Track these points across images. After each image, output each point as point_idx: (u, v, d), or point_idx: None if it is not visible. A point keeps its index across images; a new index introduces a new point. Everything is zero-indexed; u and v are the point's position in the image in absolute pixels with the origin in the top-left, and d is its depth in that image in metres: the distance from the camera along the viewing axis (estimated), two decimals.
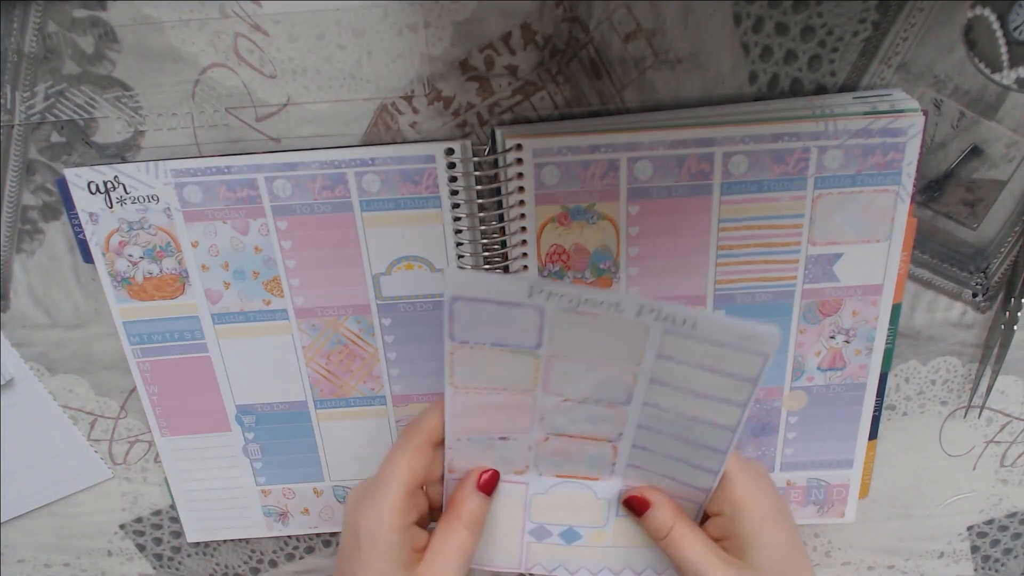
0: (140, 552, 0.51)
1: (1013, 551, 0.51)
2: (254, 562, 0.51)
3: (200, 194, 0.39)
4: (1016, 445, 0.47)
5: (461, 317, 0.34)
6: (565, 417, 0.38)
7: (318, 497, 0.47)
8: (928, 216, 0.41)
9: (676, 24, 0.36)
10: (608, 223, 0.39)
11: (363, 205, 0.39)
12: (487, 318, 0.34)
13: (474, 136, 0.39)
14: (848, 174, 0.38)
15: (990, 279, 0.42)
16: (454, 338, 0.34)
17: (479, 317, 0.34)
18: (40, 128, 0.39)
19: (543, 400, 0.37)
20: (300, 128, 0.39)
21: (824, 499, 0.46)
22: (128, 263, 0.41)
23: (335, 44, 0.37)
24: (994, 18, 0.36)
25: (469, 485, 0.38)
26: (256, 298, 0.42)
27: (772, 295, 0.41)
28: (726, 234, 0.39)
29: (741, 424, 0.36)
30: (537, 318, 0.34)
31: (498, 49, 0.37)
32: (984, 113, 0.38)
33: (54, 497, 0.49)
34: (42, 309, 0.43)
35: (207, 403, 0.44)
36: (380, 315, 0.42)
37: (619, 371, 0.36)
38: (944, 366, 0.45)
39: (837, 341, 0.42)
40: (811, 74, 0.38)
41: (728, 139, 0.37)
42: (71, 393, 0.46)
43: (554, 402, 0.37)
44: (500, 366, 0.36)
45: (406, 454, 0.36)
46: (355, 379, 0.44)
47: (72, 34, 0.37)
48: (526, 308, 0.34)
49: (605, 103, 0.38)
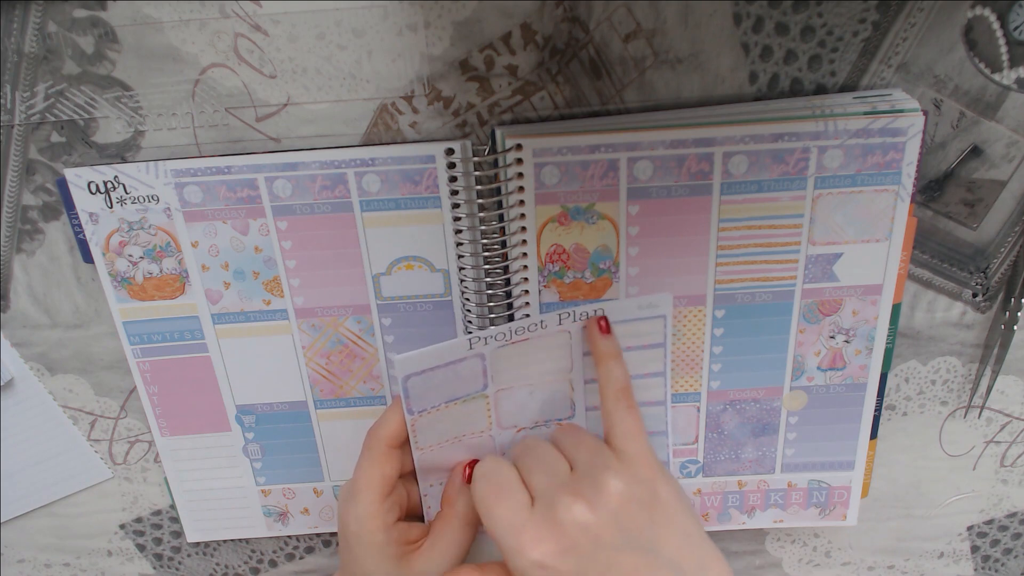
0: (140, 552, 0.51)
1: (1013, 551, 0.51)
2: (254, 562, 0.51)
3: (200, 194, 0.39)
4: (1016, 445, 0.47)
5: (415, 391, 0.37)
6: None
7: (318, 497, 0.47)
8: (928, 216, 0.41)
9: (676, 24, 0.36)
10: (608, 223, 0.39)
11: (363, 205, 0.39)
12: (438, 382, 0.37)
13: (474, 136, 0.39)
14: (848, 174, 0.38)
15: (990, 279, 0.42)
16: (412, 412, 0.38)
17: (430, 384, 0.37)
18: (40, 128, 0.39)
19: (500, 436, 0.41)
20: (300, 128, 0.39)
21: (826, 501, 0.46)
22: (128, 263, 0.41)
23: (335, 44, 0.37)
24: (994, 18, 0.36)
25: (457, 481, 0.40)
26: (256, 298, 0.42)
27: (772, 295, 0.41)
28: (726, 234, 0.39)
29: (668, 395, 0.41)
30: (480, 363, 0.38)
31: (498, 49, 0.37)
32: (984, 113, 0.38)
33: (54, 497, 0.49)
34: (42, 309, 0.43)
35: (207, 403, 0.44)
36: (380, 315, 0.42)
37: (558, 385, 0.40)
38: (944, 366, 0.45)
39: (837, 341, 0.42)
40: (811, 74, 0.38)
41: (728, 139, 0.37)
42: (71, 393, 0.46)
43: (510, 435, 0.41)
44: (456, 417, 0.39)
45: (373, 463, 0.38)
46: (355, 379, 0.44)
47: (72, 34, 0.37)
48: (470, 359, 0.38)
49: (605, 103, 0.38)
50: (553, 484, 0.34)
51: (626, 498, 0.33)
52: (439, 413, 0.38)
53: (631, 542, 0.33)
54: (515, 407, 0.40)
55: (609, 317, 0.39)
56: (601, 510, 0.33)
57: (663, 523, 0.34)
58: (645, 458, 0.35)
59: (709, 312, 0.41)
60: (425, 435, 0.39)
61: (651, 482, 0.35)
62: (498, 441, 0.41)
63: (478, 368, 0.38)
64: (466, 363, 0.38)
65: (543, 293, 0.41)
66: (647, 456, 0.35)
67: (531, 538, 0.32)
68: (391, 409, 0.38)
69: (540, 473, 0.35)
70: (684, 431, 0.44)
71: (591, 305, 0.38)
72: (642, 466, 0.35)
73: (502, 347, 0.38)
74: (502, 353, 0.38)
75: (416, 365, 0.36)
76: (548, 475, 0.35)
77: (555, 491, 0.34)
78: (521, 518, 0.33)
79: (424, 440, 0.39)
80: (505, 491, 0.34)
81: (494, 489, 0.35)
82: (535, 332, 0.38)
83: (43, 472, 0.48)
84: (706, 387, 0.43)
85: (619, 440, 0.35)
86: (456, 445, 0.40)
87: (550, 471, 0.35)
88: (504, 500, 0.34)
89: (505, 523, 0.33)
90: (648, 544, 0.33)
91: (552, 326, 0.38)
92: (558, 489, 0.34)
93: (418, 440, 0.39)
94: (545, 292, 0.41)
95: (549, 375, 0.40)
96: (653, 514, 0.34)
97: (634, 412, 0.36)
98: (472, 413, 0.39)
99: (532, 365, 0.39)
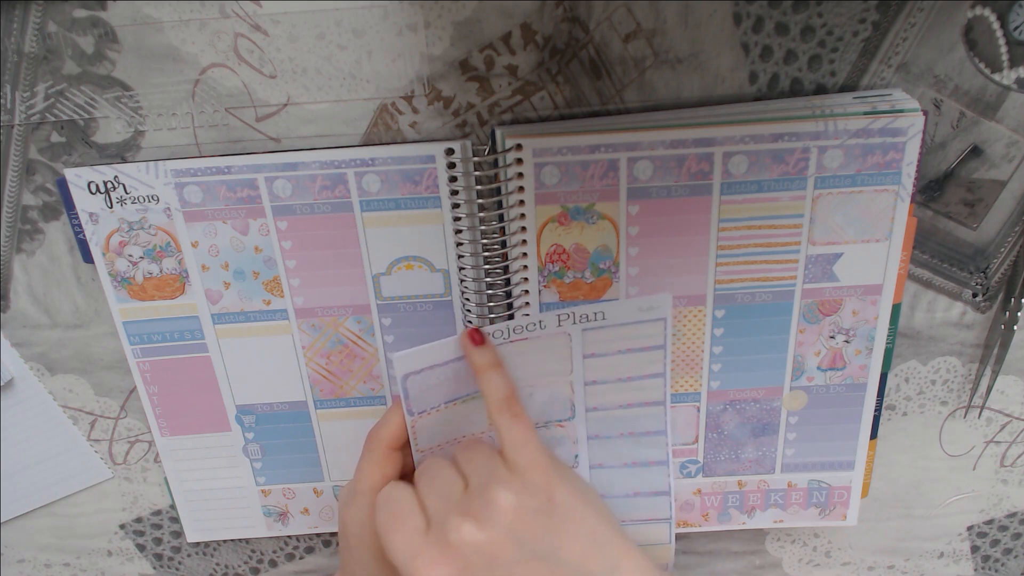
0: (140, 552, 0.51)
1: (1013, 551, 0.51)
2: (254, 562, 0.51)
3: (200, 194, 0.39)
4: (1016, 445, 0.47)
5: (415, 390, 0.37)
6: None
7: (318, 497, 0.47)
8: (928, 216, 0.41)
9: (676, 24, 0.36)
10: (608, 223, 0.39)
11: (363, 205, 0.39)
12: (437, 382, 0.37)
13: (474, 136, 0.39)
14: (848, 174, 0.38)
15: (990, 279, 0.42)
16: (412, 412, 0.37)
17: (430, 384, 0.37)
18: (40, 128, 0.39)
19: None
20: (300, 128, 0.39)
21: (826, 501, 0.46)
22: (128, 263, 0.41)
23: (335, 44, 0.37)
24: (994, 18, 0.36)
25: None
26: (256, 298, 0.42)
27: (772, 295, 0.41)
28: (726, 234, 0.39)
29: (668, 395, 0.41)
30: None
31: (498, 49, 0.37)
32: (984, 113, 0.38)
33: (54, 497, 0.49)
34: (42, 309, 0.43)
35: (207, 403, 0.44)
36: (380, 315, 0.42)
37: (558, 386, 0.40)
38: (944, 366, 0.45)
39: (837, 341, 0.42)
40: (811, 74, 0.38)
41: (728, 139, 0.37)
42: (71, 393, 0.46)
43: None
44: (456, 418, 0.39)
45: (374, 465, 0.38)
46: (355, 379, 0.44)
47: (72, 34, 0.37)
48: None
49: (605, 103, 0.38)
50: (445, 506, 0.34)
51: (519, 510, 0.33)
52: (439, 414, 0.38)
53: (530, 553, 0.32)
54: None
55: (609, 319, 0.39)
56: (493, 527, 0.32)
57: (563, 529, 0.33)
58: (537, 466, 0.34)
59: (709, 312, 0.41)
60: (425, 436, 0.39)
61: (545, 489, 0.34)
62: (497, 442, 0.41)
63: None
64: (465, 362, 0.38)
65: (543, 293, 0.41)
66: (538, 464, 0.35)
67: (425, 563, 0.32)
68: (391, 411, 0.38)
69: (433, 495, 0.34)
70: (684, 431, 0.44)
71: (591, 306, 0.38)
72: (534, 474, 0.34)
73: (501, 346, 0.38)
74: (501, 352, 0.38)
75: (415, 363, 0.36)
76: (441, 497, 0.34)
77: (446, 513, 0.33)
78: (416, 544, 0.33)
79: (424, 442, 0.39)
80: (400, 517, 0.34)
81: (391, 516, 0.34)
82: (534, 332, 0.38)
83: (43, 472, 0.48)
84: (706, 387, 0.43)
85: (509, 451, 0.35)
86: (456, 446, 0.40)
87: (443, 492, 0.34)
88: (400, 526, 0.33)
89: (401, 550, 0.33)
90: (548, 552, 0.33)
91: (551, 327, 0.38)
92: (449, 510, 0.33)
93: (418, 442, 0.39)
94: (545, 292, 0.41)
95: (548, 377, 0.40)
96: (551, 521, 0.33)
97: (520, 420, 0.35)
98: (471, 414, 0.39)
99: (531, 366, 0.39)
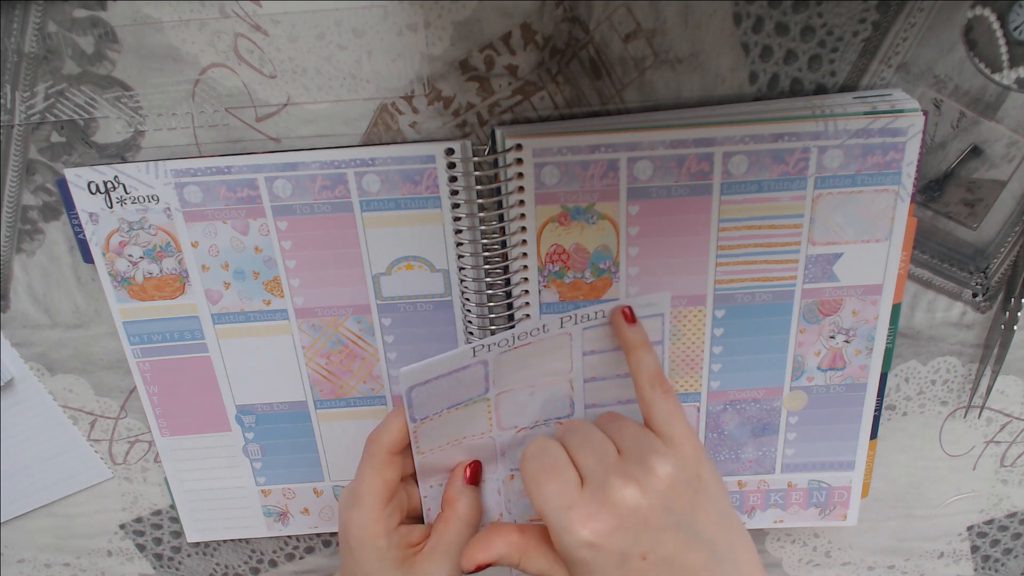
0: (140, 552, 0.51)
1: (1013, 551, 0.51)
2: (254, 562, 0.51)
3: (200, 194, 0.39)
4: (1016, 445, 0.47)
5: (418, 400, 0.37)
6: (523, 447, 0.40)
7: (318, 497, 0.47)
8: (928, 216, 0.41)
9: (676, 24, 0.36)
10: (608, 223, 0.39)
11: (363, 205, 0.39)
12: (441, 390, 0.37)
13: (474, 136, 0.39)
14: (848, 174, 0.38)
15: (990, 279, 0.42)
16: (414, 419, 0.37)
17: (433, 392, 0.37)
18: (40, 128, 0.39)
19: (500, 437, 0.41)
20: (300, 128, 0.39)
21: (826, 501, 0.46)
22: (128, 263, 0.41)
23: (335, 44, 0.37)
24: (994, 18, 0.36)
25: (458, 482, 0.40)
26: (256, 298, 0.42)
27: (772, 295, 0.41)
28: (726, 234, 0.39)
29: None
30: (483, 369, 0.38)
31: (498, 49, 0.37)
32: (984, 113, 0.38)
33: (54, 497, 0.49)
34: (42, 309, 0.43)
35: (207, 403, 0.44)
36: (380, 315, 0.42)
37: (558, 384, 0.41)
38: (944, 366, 0.45)
39: (837, 341, 0.42)
40: (811, 74, 0.38)
41: (728, 139, 0.37)
42: (71, 393, 0.46)
43: (510, 435, 0.41)
44: (458, 421, 0.39)
45: (375, 470, 0.38)
46: (355, 379, 0.44)
47: (72, 34, 0.37)
48: (473, 366, 0.38)
49: (605, 103, 0.38)
50: (603, 465, 0.34)
51: (674, 480, 0.34)
52: (441, 419, 0.38)
53: (674, 523, 0.33)
54: (516, 407, 0.40)
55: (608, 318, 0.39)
56: (651, 493, 0.33)
57: (703, 504, 0.34)
58: (688, 441, 0.35)
59: (709, 312, 0.41)
60: (426, 439, 0.39)
61: (695, 464, 0.35)
62: (498, 441, 0.41)
63: (480, 374, 0.38)
64: (469, 370, 0.38)
65: (543, 293, 0.41)
66: (690, 438, 0.36)
67: (581, 516, 0.33)
68: (392, 415, 0.38)
69: (589, 454, 0.35)
70: None
71: (592, 307, 0.38)
72: (687, 449, 0.35)
73: (504, 352, 0.38)
74: (504, 358, 0.38)
75: (420, 376, 0.36)
76: (597, 457, 0.35)
77: (606, 472, 0.34)
78: (571, 497, 0.34)
79: (425, 444, 0.39)
80: (555, 470, 0.35)
81: (544, 468, 0.35)
82: (537, 336, 0.38)
83: (43, 472, 0.48)
84: (706, 387, 0.43)
85: (661, 424, 0.36)
86: (456, 447, 0.40)
87: (599, 453, 0.35)
88: (554, 478, 0.34)
89: (555, 501, 0.34)
90: (689, 524, 0.34)
91: (554, 329, 0.38)
92: (609, 470, 0.34)
93: (419, 445, 0.39)
94: (545, 292, 0.41)
95: (549, 375, 0.40)
96: (695, 496, 0.34)
97: (671, 396, 0.37)
98: (473, 416, 0.39)
99: (533, 367, 0.39)
